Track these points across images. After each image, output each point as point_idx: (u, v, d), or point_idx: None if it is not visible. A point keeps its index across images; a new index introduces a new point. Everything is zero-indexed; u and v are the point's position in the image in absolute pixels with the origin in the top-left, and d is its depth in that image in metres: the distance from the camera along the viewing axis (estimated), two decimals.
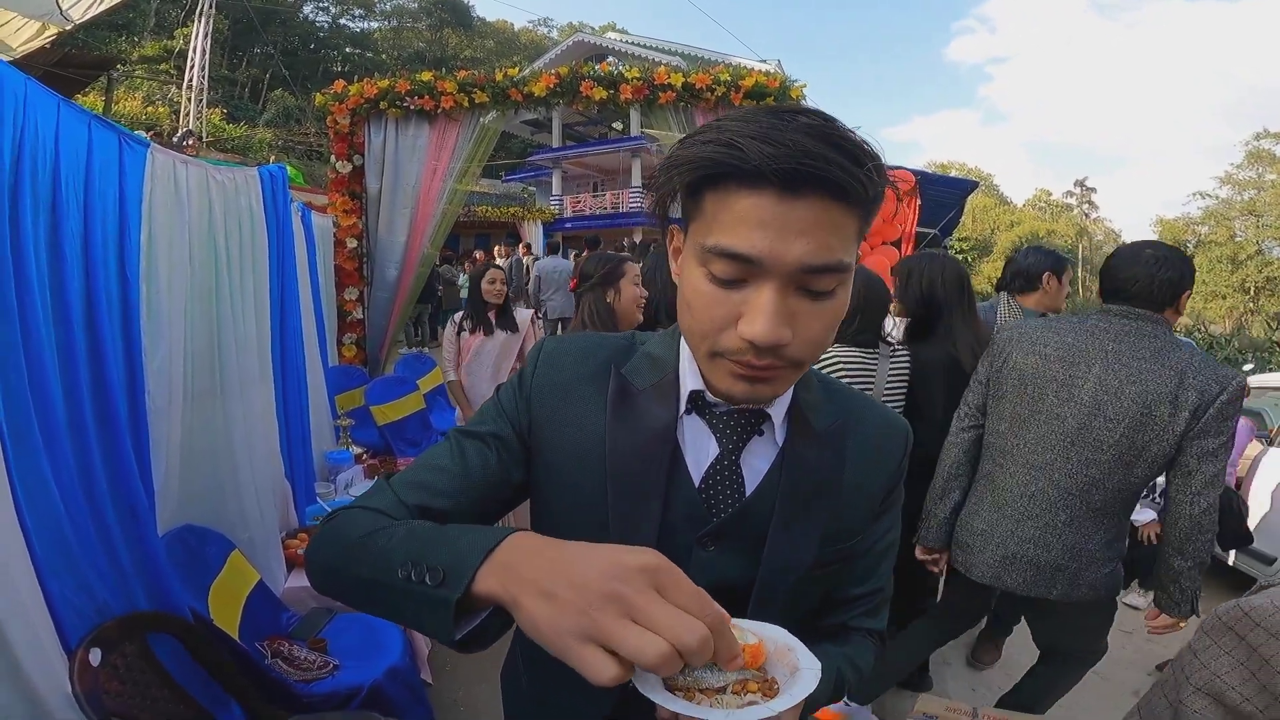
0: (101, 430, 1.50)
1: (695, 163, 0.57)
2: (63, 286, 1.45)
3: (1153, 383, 1.56)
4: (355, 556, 0.61)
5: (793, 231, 0.55)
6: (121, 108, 16.09)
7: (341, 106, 4.30)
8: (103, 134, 1.66)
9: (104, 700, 1.30)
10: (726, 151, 0.55)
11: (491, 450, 0.75)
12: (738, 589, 0.72)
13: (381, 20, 33.44)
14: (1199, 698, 0.55)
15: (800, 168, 0.53)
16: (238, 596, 1.95)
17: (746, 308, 0.58)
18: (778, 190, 0.55)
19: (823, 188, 0.55)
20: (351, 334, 4.45)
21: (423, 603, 0.52)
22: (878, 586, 0.83)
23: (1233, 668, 0.54)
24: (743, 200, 0.56)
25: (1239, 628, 0.55)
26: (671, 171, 0.60)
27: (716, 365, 0.63)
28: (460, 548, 0.53)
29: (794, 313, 0.58)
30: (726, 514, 0.71)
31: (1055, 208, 43.96)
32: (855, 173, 0.54)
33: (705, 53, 19.12)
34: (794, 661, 0.59)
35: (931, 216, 8.29)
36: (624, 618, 0.43)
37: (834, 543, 0.74)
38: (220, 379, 2.10)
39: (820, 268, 0.57)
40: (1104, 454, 1.61)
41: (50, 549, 1.31)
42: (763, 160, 0.53)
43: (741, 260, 0.57)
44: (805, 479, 0.72)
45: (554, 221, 18.96)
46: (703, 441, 0.72)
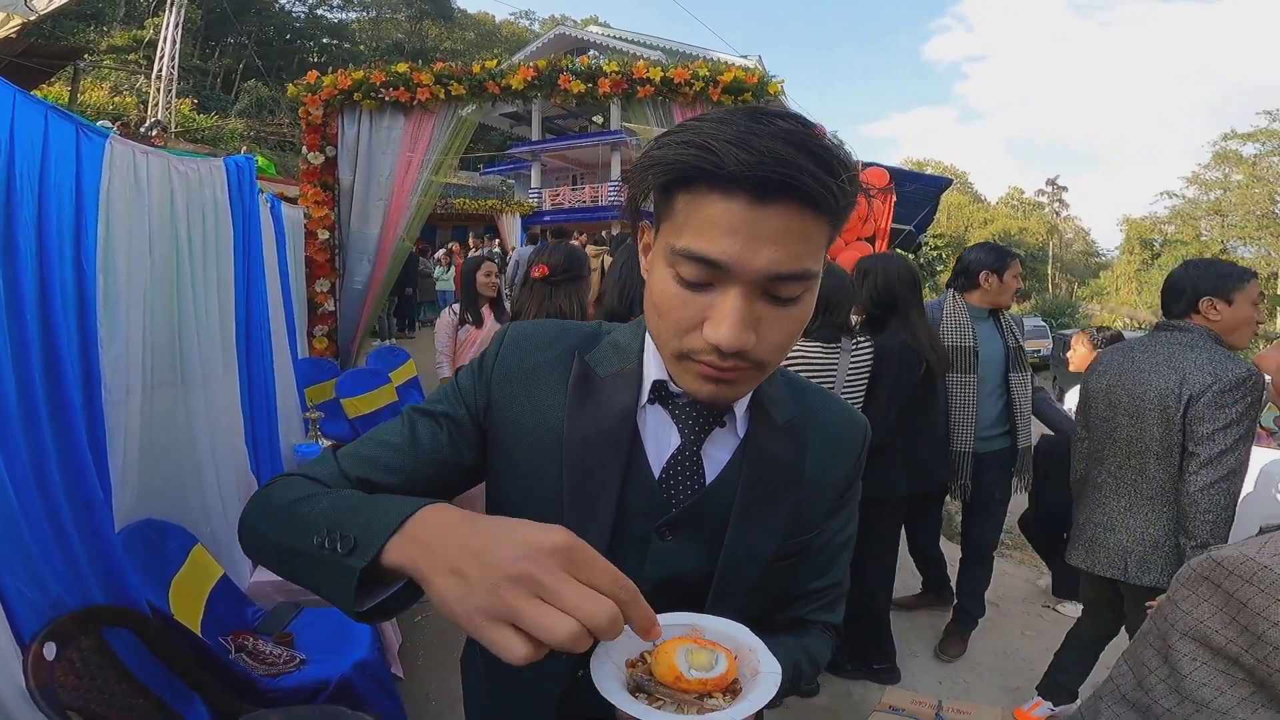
0: (55, 422, 1.47)
1: (669, 164, 0.57)
2: (15, 277, 1.42)
3: (1161, 383, 1.82)
4: (279, 521, 0.61)
5: (762, 239, 0.55)
6: (88, 98, 15.65)
7: (315, 97, 4.23)
8: (59, 124, 1.62)
9: (60, 694, 1.29)
10: (700, 155, 0.54)
11: (443, 430, 0.74)
12: (696, 581, 0.72)
13: (360, 11, 32.89)
14: (1186, 642, 0.58)
15: (774, 175, 0.53)
16: (200, 591, 1.93)
17: (712, 311, 0.58)
18: (749, 196, 0.54)
19: (795, 196, 0.54)
20: (323, 326, 4.39)
21: (331, 570, 0.51)
22: (835, 580, 0.83)
23: (1213, 613, 0.57)
24: (714, 204, 0.56)
25: (1214, 576, 0.58)
26: (645, 172, 0.60)
27: (683, 366, 0.63)
28: (374, 517, 0.52)
29: (759, 318, 0.59)
30: (686, 503, 0.71)
31: (1027, 206, 44.71)
32: (829, 183, 0.54)
33: (687, 47, 19.13)
34: (755, 664, 0.59)
35: (906, 213, 8.41)
36: (534, 597, 0.43)
37: (793, 535, 0.75)
38: (182, 370, 2.07)
39: (787, 275, 0.57)
40: (1151, 450, 1.87)
41: (1, 542, 1.29)
42: (737, 166, 0.53)
43: (710, 265, 0.57)
44: (766, 470, 0.72)
45: (532, 214, 18.85)
46: (664, 431, 0.72)
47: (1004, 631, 3.11)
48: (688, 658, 0.56)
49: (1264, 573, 0.55)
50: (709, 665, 0.56)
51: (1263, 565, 0.55)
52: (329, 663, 1.87)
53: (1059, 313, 24.90)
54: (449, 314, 3.40)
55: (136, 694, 1.48)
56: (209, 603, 1.92)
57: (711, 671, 0.55)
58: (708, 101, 4.11)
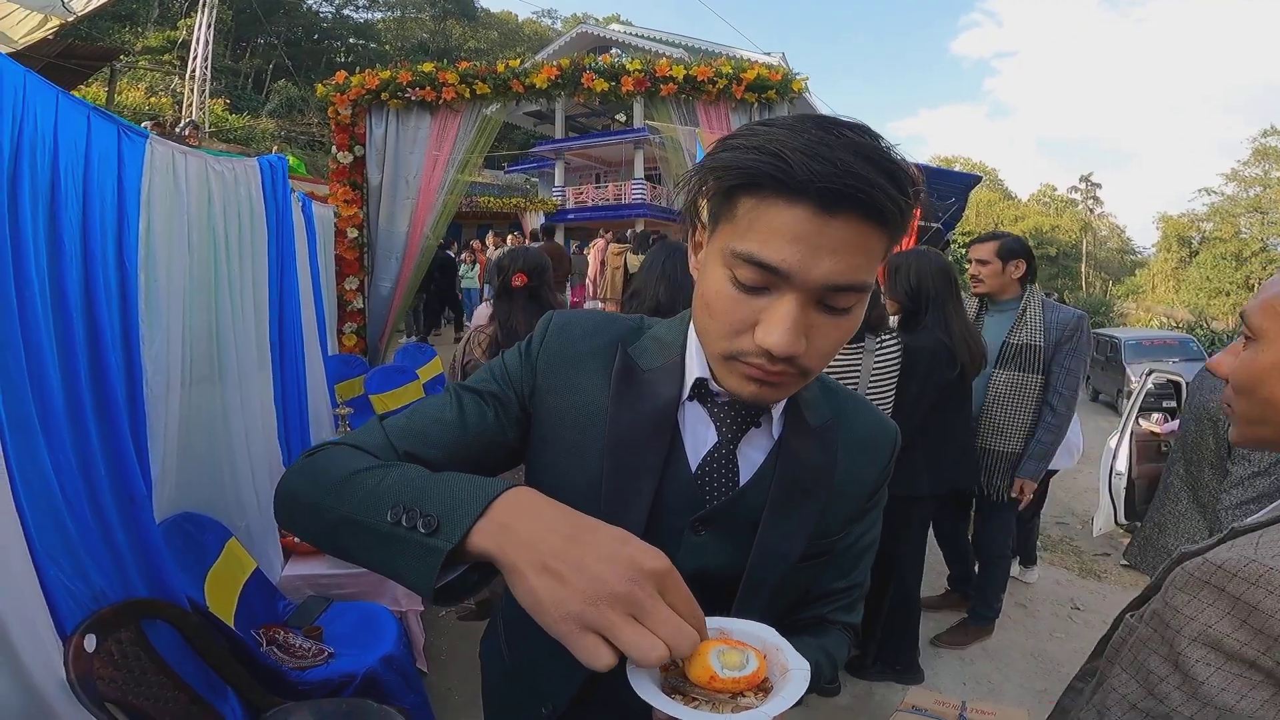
0: (99, 417, 1.51)
1: (738, 169, 0.57)
2: (61, 276, 1.46)
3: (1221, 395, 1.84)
4: (336, 492, 0.59)
5: (824, 249, 0.55)
6: (124, 98, 16.07)
7: (343, 97, 4.30)
8: (101, 125, 1.66)
9: (99, 686, 1.31)
10: (772, 163, 0.54)
11: (490, 408, 0.75)
12: (725, 577, 0.73)
13: (385, 11, 33.27)
14: (1197, 648, 0.56)
15: (844, 188, 0.53)
16: (234, 584, 1.97)
17: (766, 315, 0.58)
18: (817, 206, 0.54)
19: (861, 210, 0.55)
20: (352, 323, 4.46)
21: (410, 550, 0.51)
22: (858, 582, 0.84)
23: (1220, 617, 0.55)
24: (780, 212, 0.56)
25: (1216, 580, 0.56)
26: (711, 173, 0.60)
27: (729, 366, 0.64)
28: (456, 496, 0.52)
29: (811, 326, 0.59)
30: (720, 500, 0.72)
31: (1060, 203, 43.70)
32: (897, 199, 0.55)
33: (710, 45, 19.01)
34: (783, 661, 0.60)
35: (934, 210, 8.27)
36: (629, 616, 0.45)
37: (819, 537, 0.76)
38: (219, 367, 2.12)
39: (844, 287, 0.58)
40: (1206, 460, 1.89)
41: (47, 535, 1.33)
42: (808, 176, 0.53)
43: (769, 270, 0.57)
44: (798, 472, 0.73)
45: (556, 212, 18.93)
46: (701, 429, 0.73)
47: (1032, 632, 3.06)
48: (720, 658, 0.57)
49: (1271, 575, 0.54)
50: (741, 665, 0.57)
51: (1269, 568, 0.54)
52: (356, 656, 1.90)
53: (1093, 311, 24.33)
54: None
55: (173, 686, 1.51)
56: (242, 596, 1.96)
57: (744, 670, 0.57)
58: (731, 99, 4.09)
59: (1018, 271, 2.62)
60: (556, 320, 0.79)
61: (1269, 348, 0.67)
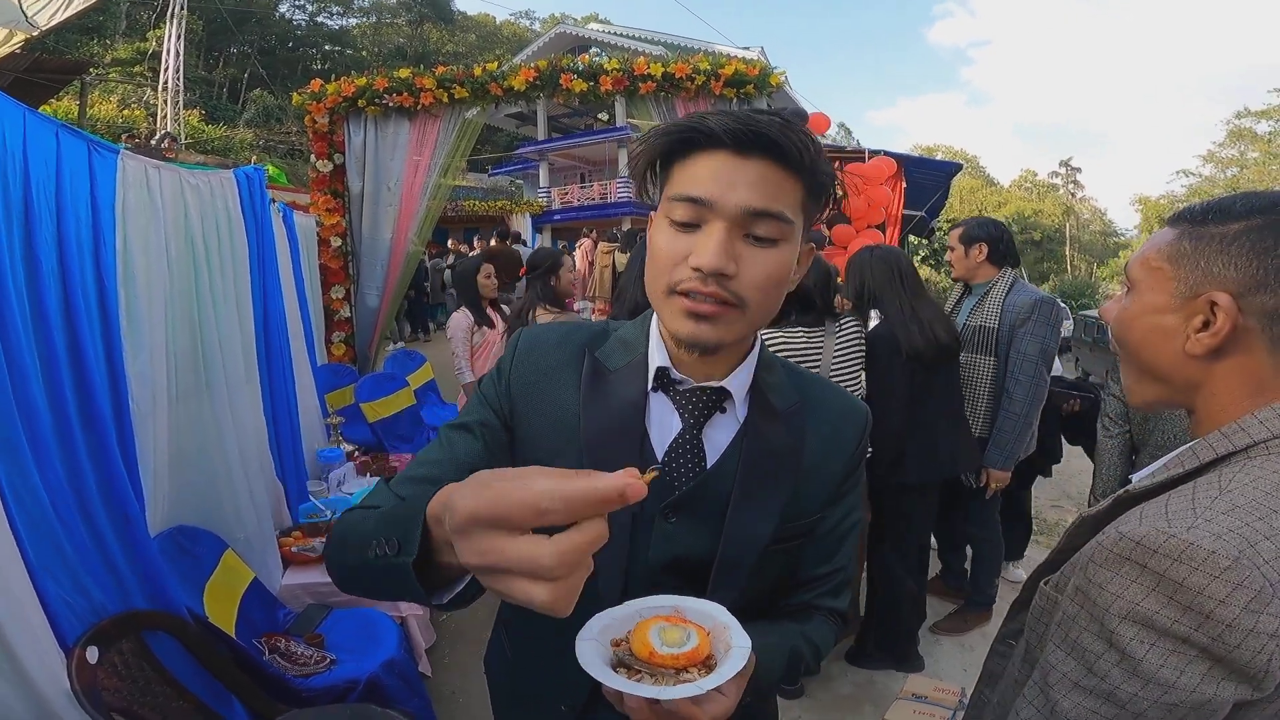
0: (87, 434, 1.51)
1: (667, 133, 0.69)
2: (40, 294, 1.46)
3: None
4: (347, 549, 0.64)
5: (740, 183, 0.66)
6: (97, 111, 15.83)
7: (320, 106, 4.27)
8: (71, 141, 1.66)
9: (104, 696, 1.33)
10: (694, 125, 0.67)
11: (478, 438, 0.78)
12: (699, 562, 0.75)
13: (360, 16, 32.99)
14: (1128, 625, 0.55)
15: (752, 134, 0.65)
16: (233, 595, 1.97)
17: (697, 244, 0.67)
18: (731, 151, 0.66)
19: (768, 152, 0.65)
20: (340, 332, 4.44)
21: (393, 574, 0.53)
22: (839, 566, 0.86)
23: (1147, 594, 0.55)
24: (703, 159, 0.67)
25: (1136, 557, 0.56)
26: (651, 142, 0.71)
27: (670, 304, 0.70)
28: (412, 515, 0.53)
29: (739, 255, 0.67)
30: (687, 486, 0.75)
31: (1041, 188, 44.04)
32: (796, 142, 0.66)
33: (689, 41, 19.01)
34: (728, 640, 0.63)
35: (917, 199, 8.34)
36: (492, 564, 0.41)
37: (793, 519, 0.78)
38: (205, 380, 2.11)
39: (762, 211, 0.66)
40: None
41: (43, 552, 1.33)
42: (722, 129, 0.65)
43: (696, 203, 0.66)
44: (765, 453, 0.76)
45: (543, 213, 18.89)
46: (667, 417, 0.77)
47: None
48: (660, 635, 0.61)
49: (1192, 550, 0.53)
50: (680, 641, 0.60)
51: (1188, 542, 0.53)
52: (358, 662, 1.91)
53: (1079, 294, 24.53)
54: (463, 316, 3.39)
55: (178, 695, 1.52)
56: (242, 606, 1.96)
57: (683, 647, 0.60)
58: (710, 96, 4.09)
59: (980, 255, 2.64)
60: (525, 338, 0.83)
61: (1138, 298, 0.69)
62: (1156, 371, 0.68)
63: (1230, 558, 0.52)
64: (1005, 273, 2.65)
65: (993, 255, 2.64)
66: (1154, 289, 0.66)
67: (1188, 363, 0.64)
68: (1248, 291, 0.60)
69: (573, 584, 0.40)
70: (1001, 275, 2.64)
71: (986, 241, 2.64)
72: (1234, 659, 0.52)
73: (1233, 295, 0.60)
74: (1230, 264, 0.61)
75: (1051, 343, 2.54)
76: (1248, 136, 29.10)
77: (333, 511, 2.61)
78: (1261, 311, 0.60)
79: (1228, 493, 0.57)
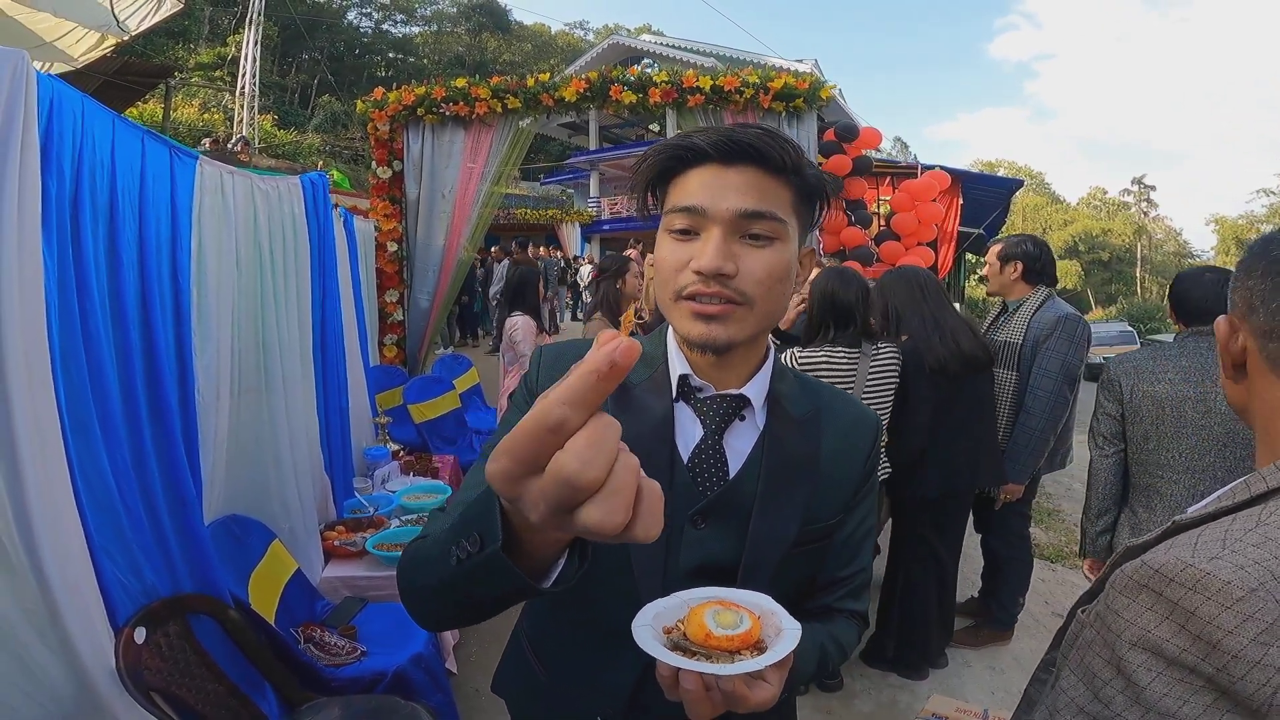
0: (155, 423, 1.61)
1: (659, 152, 0.75)
2: (120, 290, 1.56)
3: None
4: (422, 571, 0.63)
5: (729, 189, 0.71)
6: (180, 114, 16.79)
7: (381, 113, 4.44)
8: (155, 147, 1.77)
9: (145, 676, 1.39)
10: (681, 144, 0.73)
11: None
12: (726, 565, 0.78)
13: (422, 25, 34.12)
14: (1137, 653, 0.55)
15: (735, 144, 0.71)
16: (276, 584, 2.05)
17: (697, 250, 0.72)
18: (717, 162, 0.72)
19: (753, 160, 0.71)
20: (392, 335, 4.58)
21: (486, 574, 0.50)
22: (859, 569, 0.89)
23: (1159, 622, 0.54)
24: (694, 174, 0.73)
25: (1154, 585, 0.55)
26: (643, 162, 0.77)
27: (678, 309, 0.74)
28: (483, 505, 0.52)
29: (737, 254, 0.71)
30: (714, 492, 0.77)
31: (1111, 206, 42.17)
32: (777, 147, 0.71)
33: (742, 53, 18.99)
34: (778, 624, 0.66)
35: (975, 216, 8.10)
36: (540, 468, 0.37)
37: (812, 522, 0.81)
38: (265, 377, 2.22)
39: (754, 213, 0.71)
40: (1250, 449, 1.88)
41: (105, 532, 1.42)
42: (707, 144, 0.71)
43: (690, 211, 0.72)
44: (785, 459, 0.79)
45: (592, 223, 19.09)
46: (689, 425, 0.79)
47: None
48: (715, 618, 0.64)
49: (1208, 579, 0.53)
50: (734, 624, 0.63)
51: (1205, 572, 0.53)
52: (388, 655, 1.96)
53: (1148, 317, 23.35)
54: (529, 321, 3.50)
55: (214, 679, 1.59)
56: (283, 595, 2.04)
57: (737, 629, 0.62)
58: (758, 109, 4.09)
59: (1015, 273, 2.71)
60: (546, 354, 0.86)
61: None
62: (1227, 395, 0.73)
63: (1246, 589, 0.52)
64: (1039, 290, 2.71)
65: (1027, 274, 2.70)
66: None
67: (1227, 384, 0.71)
68: (1245, 315, 0.66)
69: (618, 488, 0.36)
70: (1035, 293, 2.70)
71: (1022, 259, 2.70)
72: (1238, 690, 0.51)
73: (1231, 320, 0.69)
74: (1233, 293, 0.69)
75: (1073, 359, 2.54)
76: None
77: (375, 508, 2.70)
78: (1258, 331, 0.65)
79: (1264, 525, 0.57)
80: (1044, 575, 3.66)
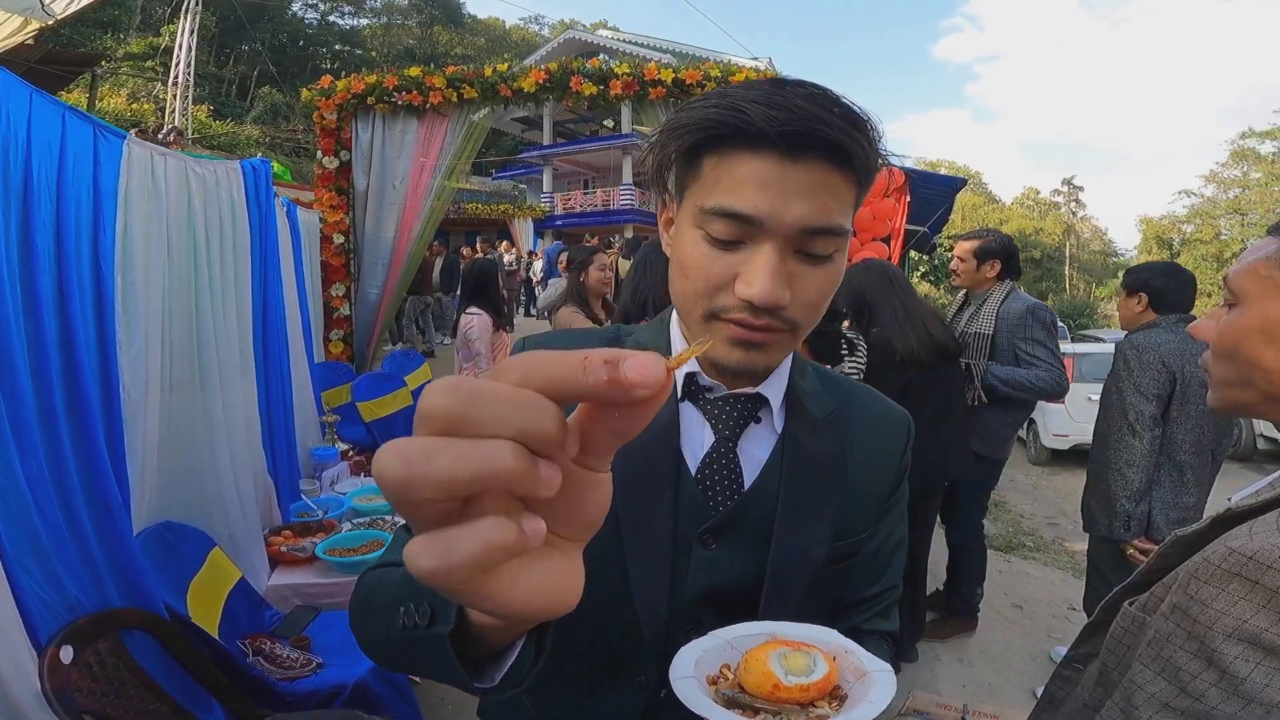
0: (73, 421, 1.47)
1: (698, 124, 0.57)
2: (33, 276, 1.42)
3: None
4: (372, 617, 0.55)
5: (793, 193, 0.55)
6: (106, 104, 15.87)
7: (329, 102, 4.25)
8: (76, 124, 1.63)
9: (76, 699, 1.28)
10: (731, 114, 0.55)
11: None
12: (743, 592, 0.67)
13: (371, 17, 33.20)
14: (1233, 644, 0.53)
15: (803, 130, 0.53)
16: (218, 594, 1.92)
17: (745, 268, 0.57)
18: (779, 152, 0.55)
19: (824, 151, 0.55)
20: (338, 330, 4.40)
21: (429, 655, 0.43)
22: (890, 585, 0.78)
23: (1256, 611, 0.53)
24: (744, 162, 0.56)
25: (1247, 573, 0.54)
26: (673, 133, 0.59)
27: (713, 329, 0.61)
28: None
29: (792, 275, 0.58)
30: (726, 507, 0.67)
31: (1043, 206, 44.25)
32: (855, 136, 0.55)
33: (697, 50, 19.09)
34: (858, 665, 0.53)
35: (921, 214, 8.32)
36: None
37: (843, 537, 0.70)
38: (199, 371, 2.07)
39: (820, 229, 0.57)
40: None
41: (20, 543, 1.28)
42: (766, 122, 0.53)
43: (742, 220, 0.56)
44: (808, 467, 0.68)
45: (545, 218, 18.93)
46: (697, 430, 0.68)
47: (1030, 633, 3.07)
48: (783, 662, 0.51)
49: None
50: (808, 669, 0.50)
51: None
52: (346, 666, 1.85)
53: (1077, 314, 24.59)
54: (485, 318, 3.40)
55: (154, 698, 1.47)
56: (226, 606, 1.91)
57: (812, 675, 0.50)
58: None
59: (992, 271, 2.80)
60: (530, 346, 0.73)
61: (1250, 309, 0.67)
62: (1274, 381, 0.65)
63: None
64: (1005, 283, 2.82)
65: (1005, 270, 2.80)
66: (1270, 296, 0.66)
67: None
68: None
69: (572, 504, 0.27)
70: (1000, 286, 2.81)
71: (1002, 258, 2.79)
72: None
73: None
74: None
75: (1048, 341, 2.68)
76: (1251, 157, 29.26)
77: (325, 511, 2.56)
78: None
79: None
80: (1000, 567, 3.77)
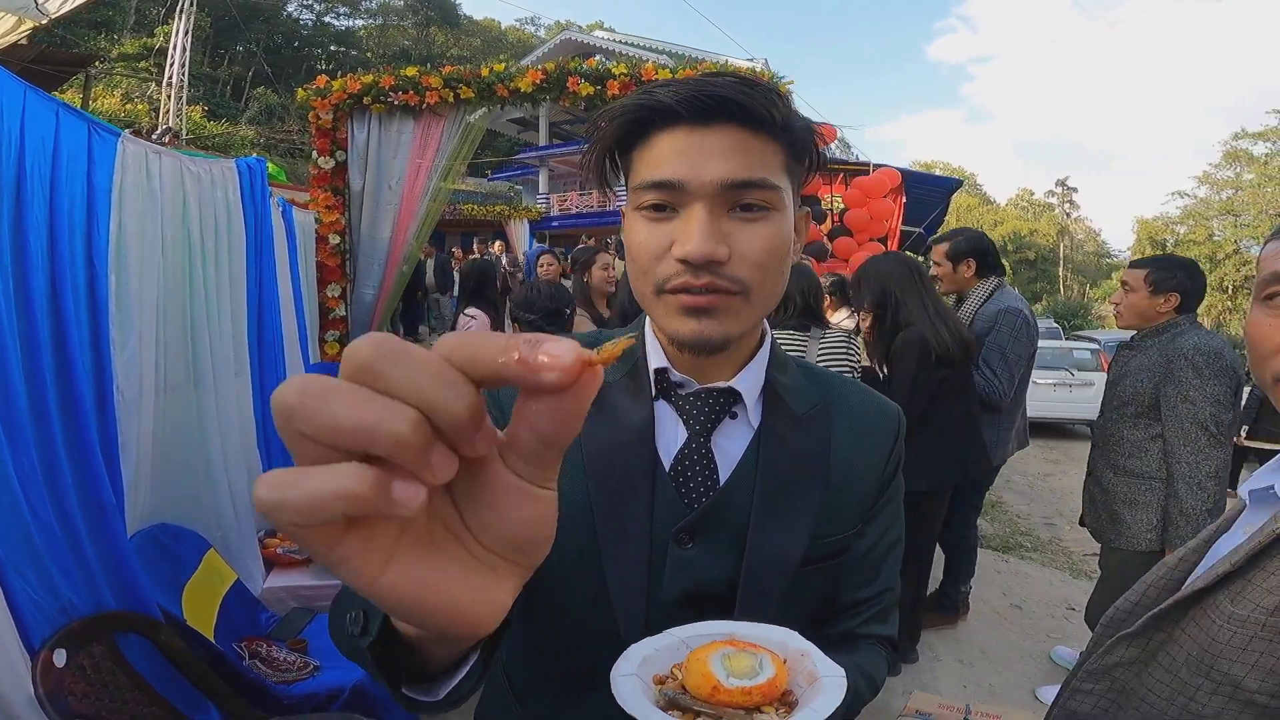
0: (67, 422, 1.45)
1: (615, 113, 0.63)
2: (26, 275, 1.40)
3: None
4: (332, 623, 0.54)
5: (708, 154, 0.59)
6: (99, 105, 15.78)
7: (324, 102, 4.23)
8: (70, 122, 1.61)
9: (70, 702, 1.26)
10: (642, 101, 0.61)
11: None
12: (720, 594, 0.66)
13: (366, 18, 33.11)
14: None
15: (709, 99, 0.58)
16: (214, 596, 1.90)
17: (679, 233, 0.60)
18: (689, 124, 0.59)
19: (732, 117, 0.59)
20: (334, 331, 4.38)
21: (363, 658, 0.42)
22: (885, 587, 0.76)
23: None
24: (661, 140, 0.61)
25: None
26: (599, 123, 0.65)
27: (663, 303, 0.62)
28: None
29: (727, 232, 0.60)
30: (701, 504, 0.66)
31: (1037, 207, 44.44)
32: (758, 98, 0.59)
33: (693, 51, 19.11)
34: (811, 670, 0.52)
35: (916, 215, 8.35)
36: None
37: (825, 535, 0.69)
38: (194, 371, 2.05)
39: (744, 182, 0.59)
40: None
41: (12, 545, 1.27)
42: (673, 99, 0.59)
43: (665, 187, 0.60)
44: (786, 462, 0.67)
45: (541, 219, 18.89)
46: (670, 427, 0.68)
47: (1029, 633, 3.07)
48: (725, 664, 0.49)
49: None
50: (752, 671, 0.49)
51: None
52: (343, 670, 1.84)
53: (1071, 314, 24.68)
54: (482, 316, 3.41)
55: (150, 701, 1.45)
56: (222, 608, 1.90)
57: (756, 679, 0.48)
58: None
59: (969, 270, 2.74)
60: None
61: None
62: None
63: None
64: (988, 282, 2.75)
65: (981, 268, 2.74)
66: None
67: None
68: None
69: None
70: (982, 283, 2.74)
71: (975, 256, 2.73)
72: None
73: None
74: None
75: (1010, 349, 2.60)
76: (1244, 158, 29.44)
77: None
78: None
79: None
80: (998, 567, 3.77)
